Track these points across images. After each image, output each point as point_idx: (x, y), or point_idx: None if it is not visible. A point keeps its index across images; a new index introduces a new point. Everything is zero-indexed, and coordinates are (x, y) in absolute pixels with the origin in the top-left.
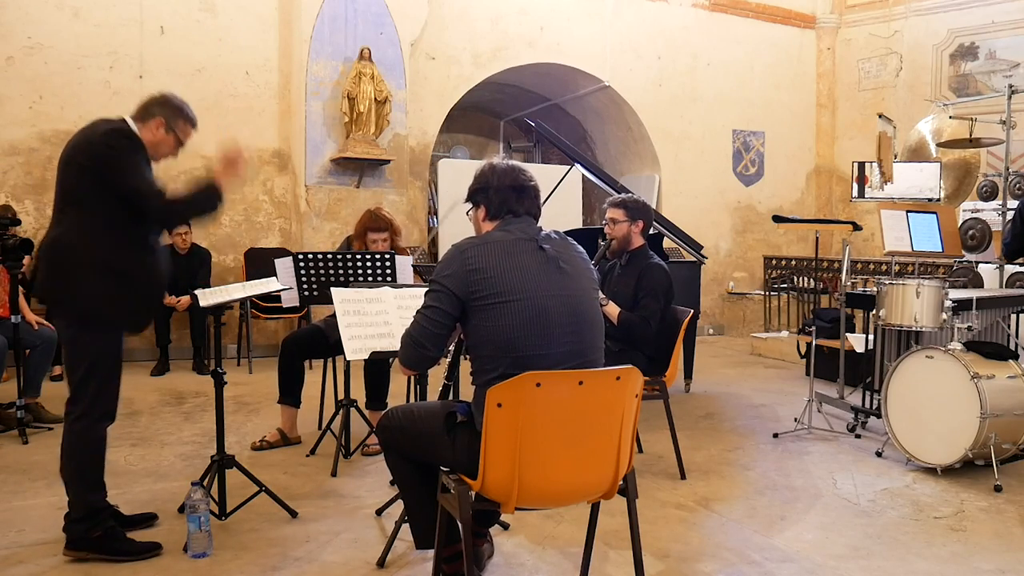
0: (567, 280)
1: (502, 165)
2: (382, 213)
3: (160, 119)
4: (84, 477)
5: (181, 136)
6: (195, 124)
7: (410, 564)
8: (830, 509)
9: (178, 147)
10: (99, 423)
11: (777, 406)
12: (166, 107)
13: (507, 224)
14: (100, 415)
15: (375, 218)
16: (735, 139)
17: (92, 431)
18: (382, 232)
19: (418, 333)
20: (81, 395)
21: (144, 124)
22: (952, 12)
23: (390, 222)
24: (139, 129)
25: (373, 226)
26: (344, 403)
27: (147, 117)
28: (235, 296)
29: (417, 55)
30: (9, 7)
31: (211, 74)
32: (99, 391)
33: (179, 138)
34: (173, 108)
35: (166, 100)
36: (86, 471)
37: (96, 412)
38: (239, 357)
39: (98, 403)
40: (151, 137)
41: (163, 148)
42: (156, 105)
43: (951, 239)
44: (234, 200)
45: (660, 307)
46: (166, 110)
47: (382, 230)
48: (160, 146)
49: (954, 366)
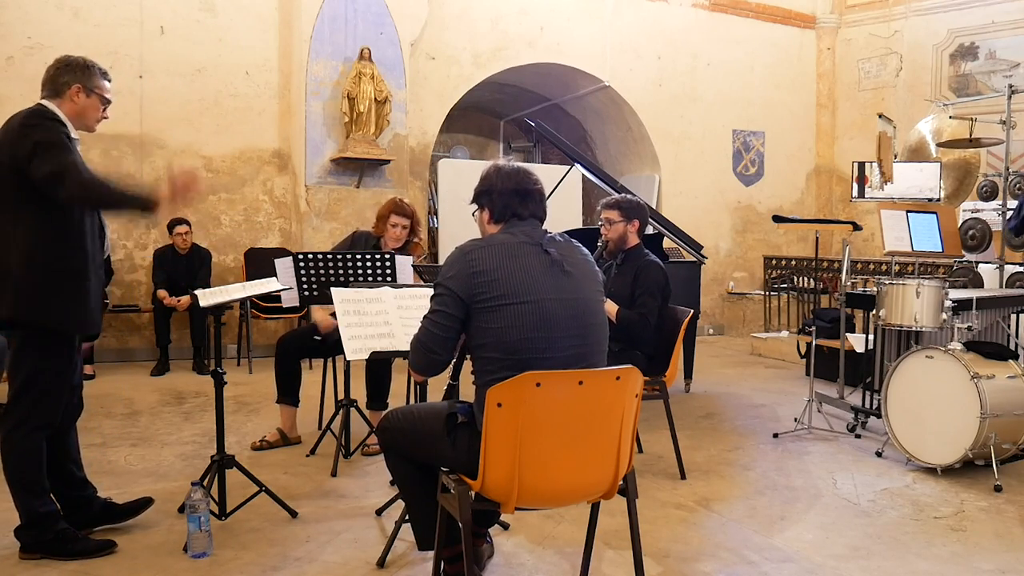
0: (571, 283)
1: (507, 168)
2: (407, 203)
3: (76, 85)
4: (25, 485)
5: (102, 92)
6: (107, 76)
7: (410, 564)
8: (830, 509)
9: (105, 105)
10: (35, 433)
11: (777, 406)
12: (74, 71)
13: (511, 227)
14: (37, 425)
15: (400, 204)
16: (735, 139)
17: (28, 441)
18: (405, 218)
19: (427, 338)
20: (18, 404)
21: (61, 99)
22: (952, 12)
23: (414, 212)
24: (58, 106)
25: (398, 211)
26: (344, 403)
27: (61, 89)
28: (235, 296)
29: (417, 55)
30: (9, 7)
31: (211, 74)
32: (37, 401)
33: (101, 96)
34: (81, 68)
35: (69, 64)
36: (26, 480)
37: (33, 422)
38: (239, 357)
39: (35, 413)
40: (74, 107)
41: (91, 112)
42: (63, 74)
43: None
44: (234, 200)
45: (658, 304)
46: (76, 74)
47: (406, 216)
48: (87, 112)
49: (954, 366)
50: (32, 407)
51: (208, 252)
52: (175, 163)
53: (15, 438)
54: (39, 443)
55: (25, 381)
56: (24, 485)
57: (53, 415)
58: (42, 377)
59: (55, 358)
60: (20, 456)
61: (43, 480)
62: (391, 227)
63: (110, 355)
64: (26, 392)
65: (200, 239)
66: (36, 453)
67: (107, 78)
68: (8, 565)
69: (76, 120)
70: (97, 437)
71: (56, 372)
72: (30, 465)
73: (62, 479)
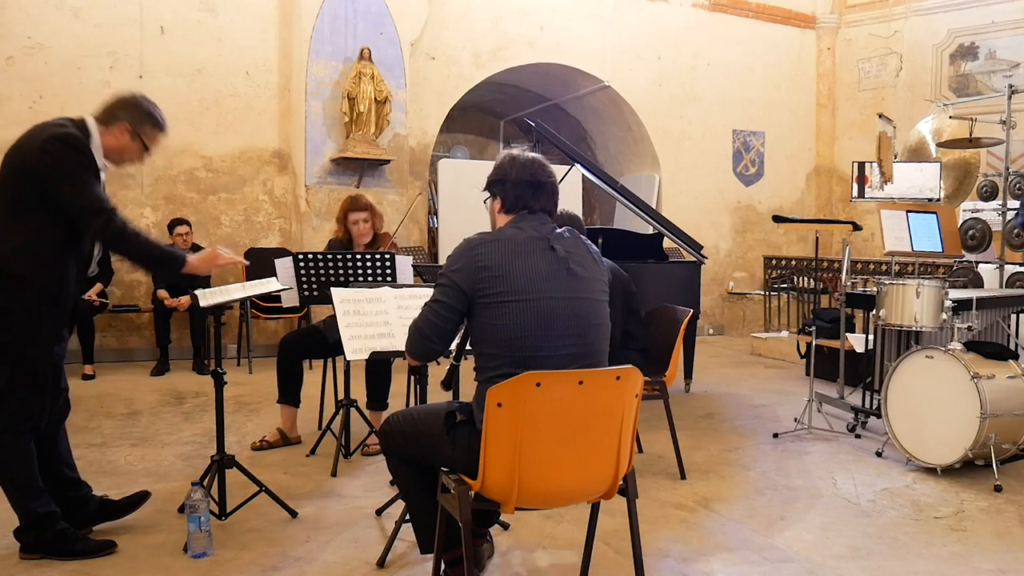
0: (576, 282)
1: (522, 158)
2: (360, 194)
3: (125, 124)
4: (20, 488)
5: (148, 143)
6: (164, 128)
7: (410, 564)
8: (830, 509)
9: (144, 153)
10: (23, 436)
11: (777, 406)
12: (133, 111)
13: (521, 220)
14: (24, 429)
15: (353, 199)
16: (735, 139)
17: (16, 445)
18: (362, 212)
19: (425, 326)
20: (1, 410)
21: (108, 128)
22: (952, 12)
23: (369, 203)
24: (101, 133)
25: (353, 207)
26: (344, 403)
27: (111, 121)
28: (235, 296)
29: (417, 55)
30: (9, 7)
31: (211, 74)
32: (22, 405)
33: (145, 144)
34: (141, 113)
35: (134, 104)
36: (21, 483)
37: (19, 426)
38: (239, 357)
39: (20, 418)
40: (114, 142)
41: (128, 154)
42: (122, 109)
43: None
44: (234, 200)
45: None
46: (132, 115)
47: (363, 208)
48: (124, 152)
49: (954, 366)
50: (16, 412)
51: None
52: (175, 163)
53: (2, 444)
54: (27, 445)
55: (6, 387)
56: (19, 488)
57: (38, 418)
58: (22, 382)
59: (32, 362)
60: (10, 461)
61: (37, 481)
62: (352, 225)
63: (110, 355)
64: (8, 398)
65: (200, 239)
66: (26, 456)
67: (162, 129)
68: (8, 565)
69: (110, 153)
70: (97, 437)
71: (36, 376)
72: (22, 468)
73: (55, 481)
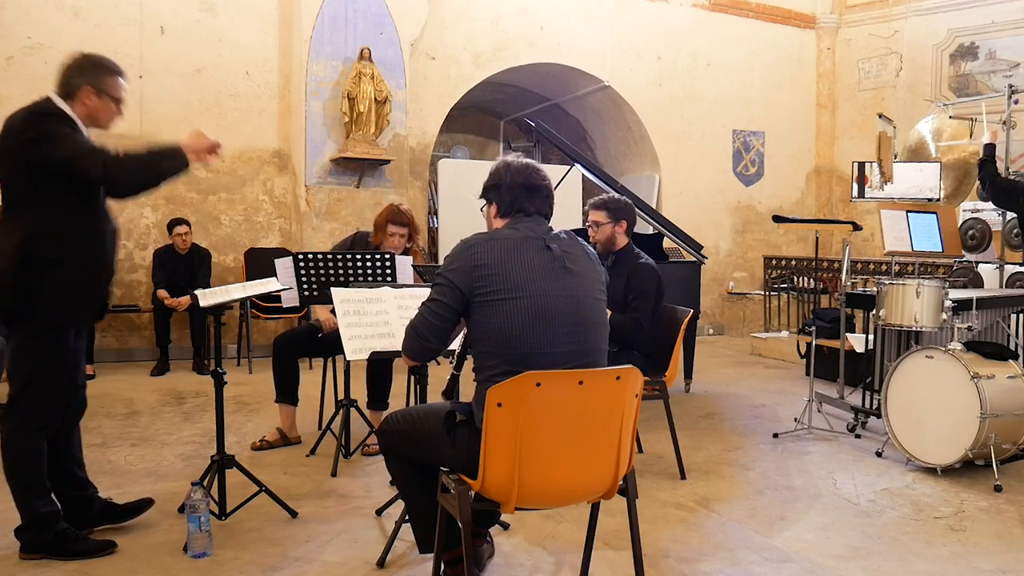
0: (573, 280)
1: (517, 163)
2: (404, 209)
3: (87, 87)
4: (26, 486)
5: (114, 94)
6: (121, 73)
7: (410, 564)
8: (830, 509)
9: (119, 105)
10: (37, 433)
11: (777, 406)
12: (88, 72)
13: (516, 222)
14: (39, 425)
15: (397, 212)
16: (735, 139)
17: (29, 441)
18: (403, 227)
19: (421, 325)
20: (18, 404)
21: (73, 100)
22: (952, 12)
23: (411, 219)
24: (71, 105)
25: (395, 220)
26: (344, 403)
27: (73, 91)
28: (235, 296)
29: (417, 55)
30: (9, 7)
31: (211, 74)
32: (39, 401)
33: (113, 96)
34: (94, 69)
35: (83, 65)
36: (27, 480)
37: (34, 423)
38: (239, 357)
39: (37, 414)
40: (85, 109)
41: (104, 113)
42: (75, 75)
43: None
44: (234, 200)
45: (651, 306)
46: (88, 76)
47: (403, 224)
48: (99, 113)
49: (954, 366)
50: (33, 407)
51: (208, 252)
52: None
53: (16, 439)
54: (40, 443)
55: (25, 381)
56: (25, 486)
57: (55, 415)
58: (42, 377)
59: (53, 356)
60: (21, 457)
61: (44, 480)
62: (389, 236)
63: (110, 355)
64: (26, 392)
65: (200, 239)
66: (37, 454)
67: (119, 74)
68: (8, 565)
69: (88, 121)
70: (97, 437)
71: (56, 372)
72: (31, 466)
73: (64, 479)
